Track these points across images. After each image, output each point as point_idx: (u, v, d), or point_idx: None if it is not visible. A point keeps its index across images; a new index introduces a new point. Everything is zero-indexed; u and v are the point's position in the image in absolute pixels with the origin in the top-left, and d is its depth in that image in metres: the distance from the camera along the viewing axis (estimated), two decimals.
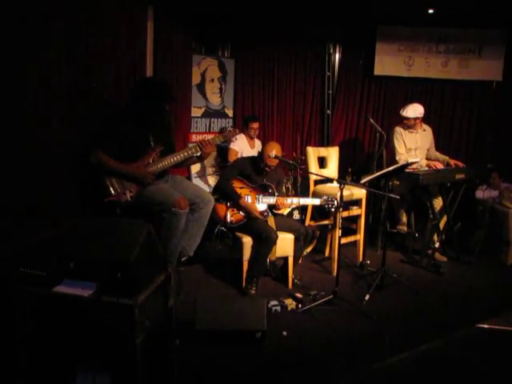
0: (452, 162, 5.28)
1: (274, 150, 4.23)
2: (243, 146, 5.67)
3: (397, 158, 5.28)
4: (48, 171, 3.39)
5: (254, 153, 5.64)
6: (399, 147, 5.31)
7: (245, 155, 5.51)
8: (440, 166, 5.11)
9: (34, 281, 2.33)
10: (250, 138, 5.75)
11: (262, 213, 4.23)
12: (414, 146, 5.33)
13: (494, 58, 6.27)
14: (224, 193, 4.28)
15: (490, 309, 4.37)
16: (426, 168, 5.09)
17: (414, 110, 5.23)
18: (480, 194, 5.87)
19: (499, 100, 6.46)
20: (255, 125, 5.72)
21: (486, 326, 4.26)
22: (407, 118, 5.24)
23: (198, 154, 3.83)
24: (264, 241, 4.01)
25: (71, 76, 3.57)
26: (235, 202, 4.20)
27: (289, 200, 4.23)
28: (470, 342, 4.03)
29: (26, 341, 2.41)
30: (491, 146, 6.54)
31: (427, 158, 5.43)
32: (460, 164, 5.25)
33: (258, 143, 5.89)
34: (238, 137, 5.63)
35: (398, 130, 5.36)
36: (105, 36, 3.97)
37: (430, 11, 5.83)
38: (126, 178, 3.59)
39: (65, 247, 2.40)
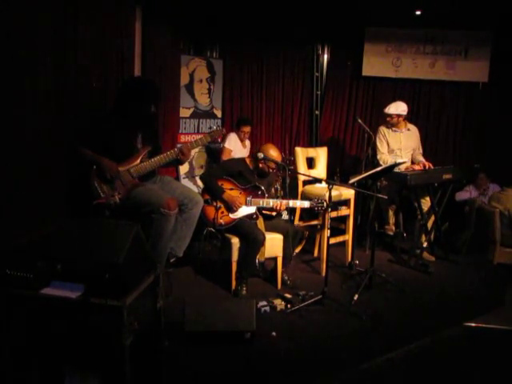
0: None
1: (271, 151, 4.26)
2: (235, 145, 5.68)
3: (377, 157, 5.31)
4: (36, 172, 3.37)
5: (245, 152, 5.67)
6: (381, 147, 5.33)
7: (237, 154, 5.52)
8: (418, 168, 5.13)
9: (21, 283, 2.31)
10: (241, 140, 5.76)
11: (251, 215, 4.22)
12: (398, 147, 5.35)
13: (480, 60, 6.33)
14: (207, 187, 4.28)
15: (477, 307, 4.41)
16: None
17: (397, 107, 5.26)
18: (465, 194, 5.94)
19: (485, 101, 6.52)
20: (246, 129, 5.72)
21: (473, 325, 4.30)
22: (390, 115, 5.27)
23: (178, 157, 3.79)
24: (251, 242, 4.01)
25: (59, 77, 3.55)
26: (219, 196, 4.19)
27: (278, 201, 4.22)
28: (458, 340, 4.06)
29: (13, 343, 2.39)
30: (478, 146, 6.60)
31: (412, 161, 5.45)
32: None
33: (248, 143, 5.90)
34: (231, 136, 5.65)
35: (382, 129, 5.39)
36: (92, 37, 3.95)
37: (418, 13, 5.88)
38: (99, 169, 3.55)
39: (52, 249, 2.39)
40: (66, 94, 3.66)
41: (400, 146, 5.36)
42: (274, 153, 4.29)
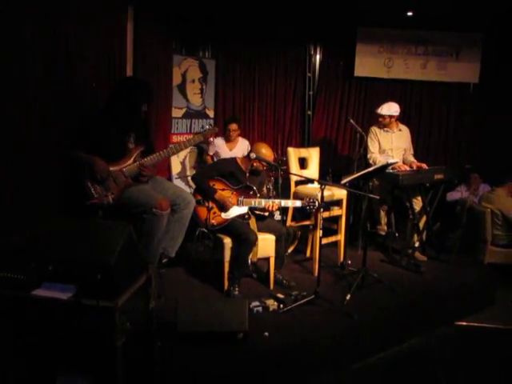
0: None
1: (263, 149, 4.26)
2: (221, 150, 5.63)
3: (368, 156, 5.32)
4: (28, 172, 3.35)
5: (234, 155, 5.62)
6: (372, 146, 5.34)
7: (224, 156, 5.49)
8: (406, 168, 5.13)
9: (12, 284, 2.29)
10: (228, 140, 5.70)
11: (243, 215, 4.22)
12: (389, 147, 5.36)
13: (471, 61, 6.38)
14: (198, 187, 4.27)
15: (468, 307, 4.45)
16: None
17: (389, 108, 5.27)
18: (456, 194, 5.99)
19: (476, 101, 6.57)
20: (232, 126, 5.64)
21: (464, 324, 4.33)
22: (382, 116, 5.28)
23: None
24: (243, 242, 4.01)
25: (50, 77, 3.53)
26: (210, 196, 4.19)
27: (270, 201, 4.22)
28: (449, 339, 4.10)
29: (4, 344, 2.37)
30: (469, 147, 6.65)
31: (403, 162, 5.46)
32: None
33: (241, 143, 5.83)
34: (215, 140, 5.60)
35: (374, 129, 5.40)
36: (84, 36, 3.93)
37: (409, 14, 5.91)
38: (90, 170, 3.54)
39: (44, 250, 2.37)
40: (58, 94, 3.65)
41: (391, 146, 5.38)
42: (265, 151, 4.29)
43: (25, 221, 3.28)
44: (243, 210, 4.22)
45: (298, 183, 5.20)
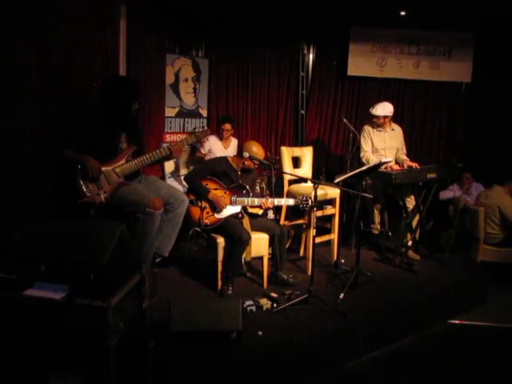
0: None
1: (254, 148, 4.26)
2: (215, 148, 5.62)
3: (360, 155, 5.33)
4: (20, 171, 3.33)
5: (228, 153, 5.62)
6: (365, 145, 5.34)
7: (218, 155, 5.48)
8: (396, 168, 5.14)
9: (4, 284, 2.28)
10: (221, 139, 5.69)
11: (236, 215, 4.22)
12: (382, 146, 5.36)
13: (463, 60, 6.42)
14: (191, 187, 4.26)
15: (460, 305, 4.47)
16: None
17: (384, 109, 5.27)
18: (449, 193, 6.02)
19: (468, 100, 6.60)
20: (225, 126, 5.62)
21: (457, 322, 4.36)
22: (376, 116, 5.28)
23: (167, 155, 3.81)
24: (237, 242, 4.00)
25: (43, 76, 3.51)
26: (204, 196, 4.18)
27: (263, 200, 4.22)
28: (442, 337, 4.12)
29: None
30: (461, 146, 6.67)
31: (395, 161, 5.47)
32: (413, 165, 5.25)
33: (234, 142, 5.84)
34: (209, 138, 5.59)
35: (367, 128, 5.40)
36: (77, 35, 3.91)
37: (402, 13, 5.93)
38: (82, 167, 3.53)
39: (36, 249, 2.36)
40: (51, 94, 3.63)
41: (384, 146, 5.38)
42: (257, 150, 4.28)
43: (16, 220, 3.26)
44: (236, 209, 4.22)
45: (291, 182, 5.20)
